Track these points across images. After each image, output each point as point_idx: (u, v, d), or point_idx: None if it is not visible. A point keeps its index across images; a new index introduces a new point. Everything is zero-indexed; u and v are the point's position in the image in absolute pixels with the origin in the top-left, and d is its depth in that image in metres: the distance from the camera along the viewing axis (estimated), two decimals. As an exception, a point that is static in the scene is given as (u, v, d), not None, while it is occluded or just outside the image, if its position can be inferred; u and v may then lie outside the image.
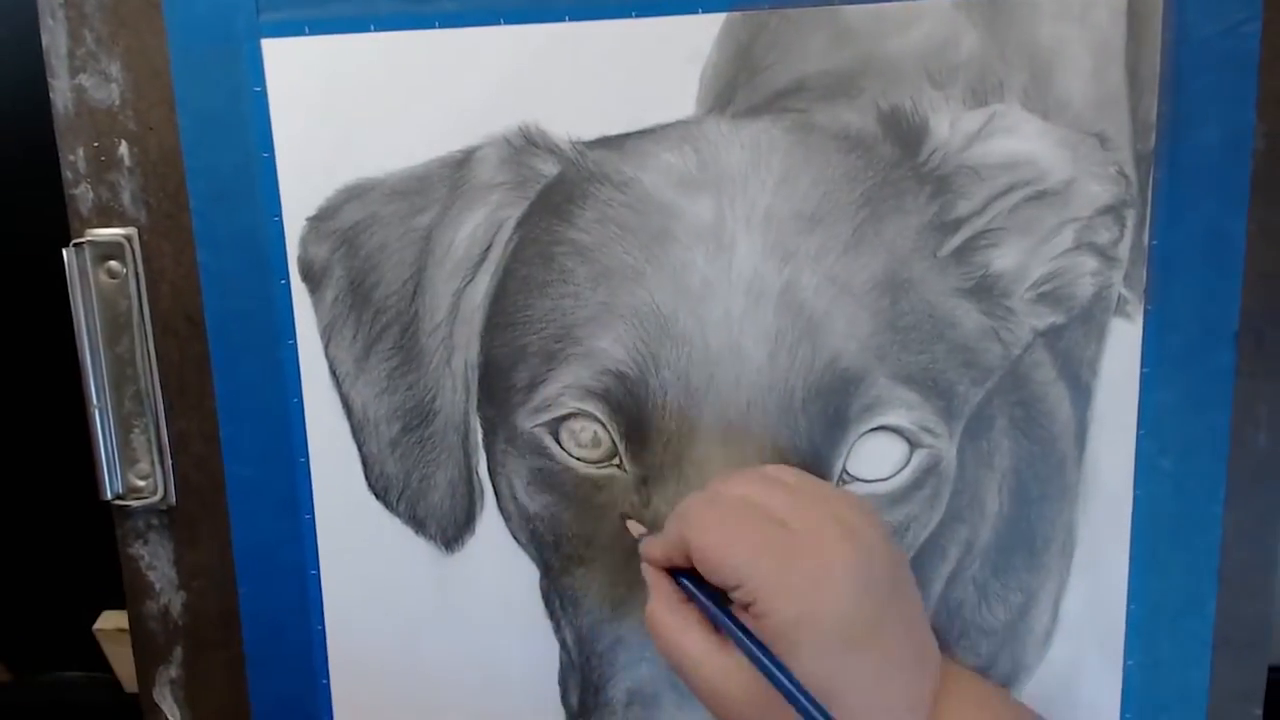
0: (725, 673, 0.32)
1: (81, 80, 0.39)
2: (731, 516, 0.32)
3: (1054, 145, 0.37)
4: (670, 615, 0.34)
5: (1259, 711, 0.42)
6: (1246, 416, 0.40)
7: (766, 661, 0.30)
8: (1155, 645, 0.41)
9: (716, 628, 0.33)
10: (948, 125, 0.37)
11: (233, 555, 0.42)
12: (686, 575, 0.34)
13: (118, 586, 0.53)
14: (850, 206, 0.38)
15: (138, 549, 0.43)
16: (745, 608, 0.32)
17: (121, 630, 0.57)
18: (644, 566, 0.36)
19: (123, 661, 0.58)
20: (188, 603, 0.43)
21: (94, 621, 0.58)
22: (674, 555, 0.34)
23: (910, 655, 0.32)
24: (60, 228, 0.40)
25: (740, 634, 0.31)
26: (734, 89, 0.38)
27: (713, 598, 0.33)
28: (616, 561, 0.40)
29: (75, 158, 0.40)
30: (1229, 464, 0.40)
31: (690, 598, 0.34)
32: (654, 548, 0.35)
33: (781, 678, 0.29)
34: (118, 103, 0.39)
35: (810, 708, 0.29)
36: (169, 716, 0.45)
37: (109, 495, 0.42)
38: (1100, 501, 0.40)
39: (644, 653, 0.40)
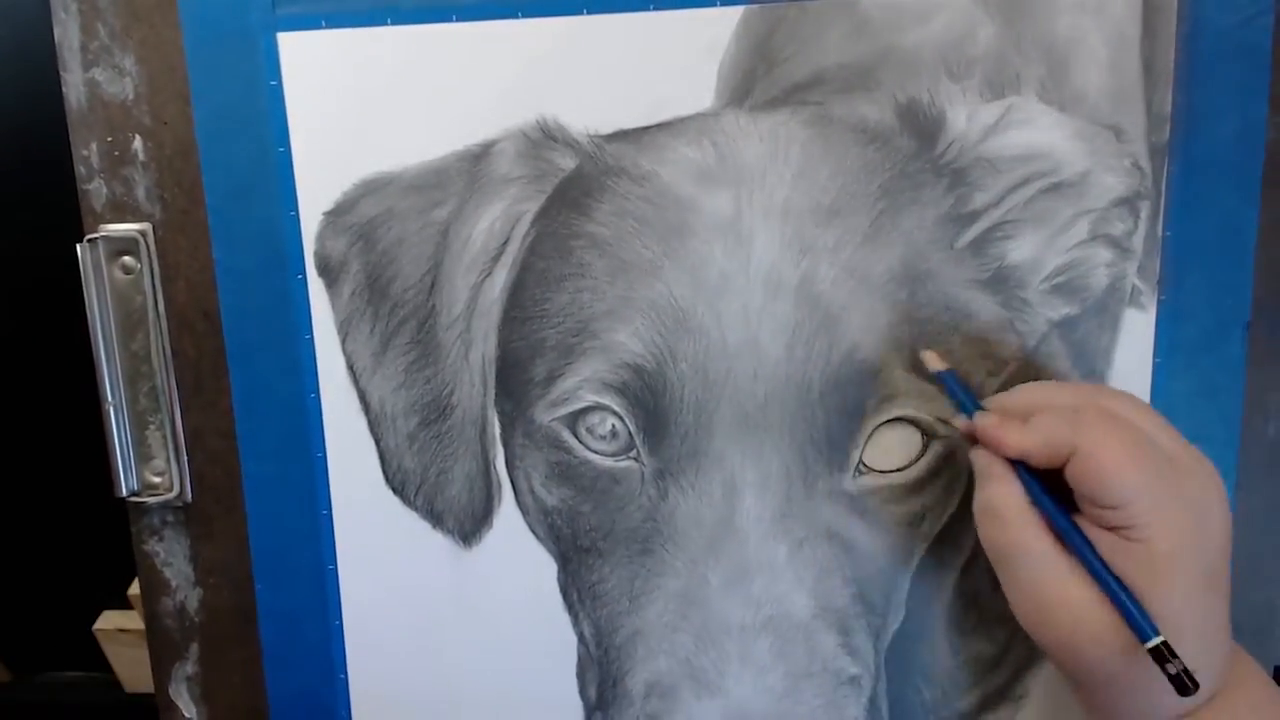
0: (1064, 579, 0.32)
1: (95, 74, 0.39)
2: (1131, 439, 0.32)
3: (1070, 137, 0.38)
4: (1019, 508, 0.33)
5: (1269, 697, 0.43)
6: (1257, 406, 0.40)
7: (1108, 578, 0.31)
8: (1168, 632, 0.42)
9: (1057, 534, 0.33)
10: (965, 118, 0.38)
11: (249, 551, 0.42)
12: (1032, 477, 0.33)
13: (118, 587, 0.53)
14: (868, 199, 0.38)
15: (153, 546, 0.43)
16: (1114, 529, 0.32)
17: (121, 630, 0.57)
18: (980, 452, 0.35)
19: (123, 661, 0.58)
20: (204, 600, 0.43)
21: (94, 622, 0.58)
22: (1042, 453, 0.33)
23: (1222, 611, 0.32)
24: (74, 223, 0.40)
25: (1084, 545, 0.32)
26: (752, 82, 0.38)
27: (1061, 505, 0.33)
28: (634, 554, 0.41)
29: (89, 152, 0.39)
30: (1240, 453, 0.40)
31: (1035, 501, 0.33)
32: (1015, 436, 0.33)
33: (1123, 596, 0.30)
34: (132, 97, 0.39)
35: (1144, 624, 0.30)
36: (185, 714, 0.45)
37: (124, 492, 0.42)
38: (1115, 490, 0.40)
39: (662, 645, 0.40)
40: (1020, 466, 0.34)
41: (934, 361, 0.37)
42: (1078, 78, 0.38)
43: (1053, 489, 0.33)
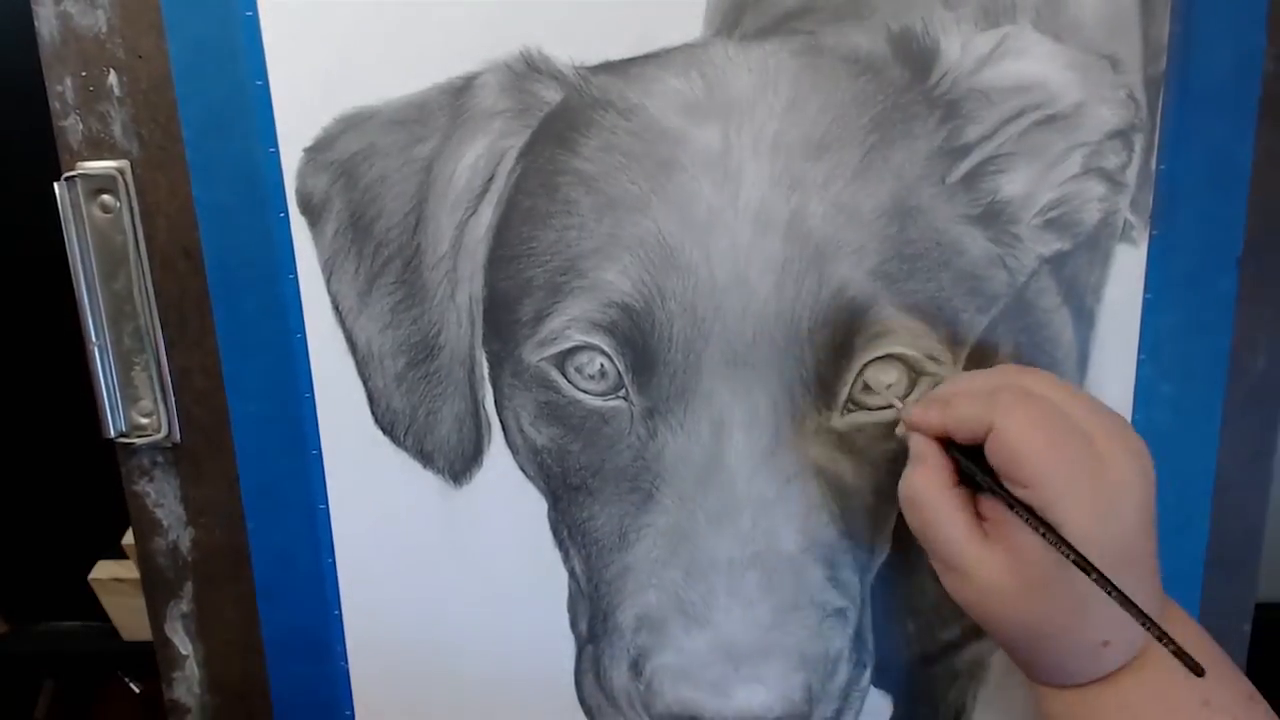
0: (987, 562, 0.32)
1: (67, 6, 0.38)
2: (1045, 418, 0.32)
3: (1064, 68, 0.37)
4: (939, 491, 0.34)
5: (1248, 628, 0.44)
6: (1245, 341, 0.40)
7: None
8: (1150, 564, 0.42)
9: (979, 515, 0.33)
10: (959, 47, 0.37)
11: (240, 491, 0.42)
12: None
13: (113, 536, 0.53)
14: (859, 132, 0.37)
15: (143, 486, 0.43)
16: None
17: (117, 580, 0.57)
18: (913, 436, 0.35)
19: (119, 610, 0.58)
20: (196, 539, 0.44)
21: (89, 571, 0.58)
22: (962, 430, 0.33)
23: (1146, 585, 0.32)
24: (52, 161, 0.39)
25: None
26: (741, 10, 0.37)
27: (991, 477, 0.33)
28: (624, 492, 0.41)
29: (63, 88, 0.38)
30: (1226, 387, 0.41)
31: (963, 477, 0.34)
32: (936, 414, 0.34)
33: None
34: (105, 30, 0.38)
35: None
36: (181, 651, 0.45)
37: (112, 433, 0.41)
38: (1101, 426, 0.41)
39: (651, 580, 0.41)
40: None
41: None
42: (1073, 5, 0.37)
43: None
